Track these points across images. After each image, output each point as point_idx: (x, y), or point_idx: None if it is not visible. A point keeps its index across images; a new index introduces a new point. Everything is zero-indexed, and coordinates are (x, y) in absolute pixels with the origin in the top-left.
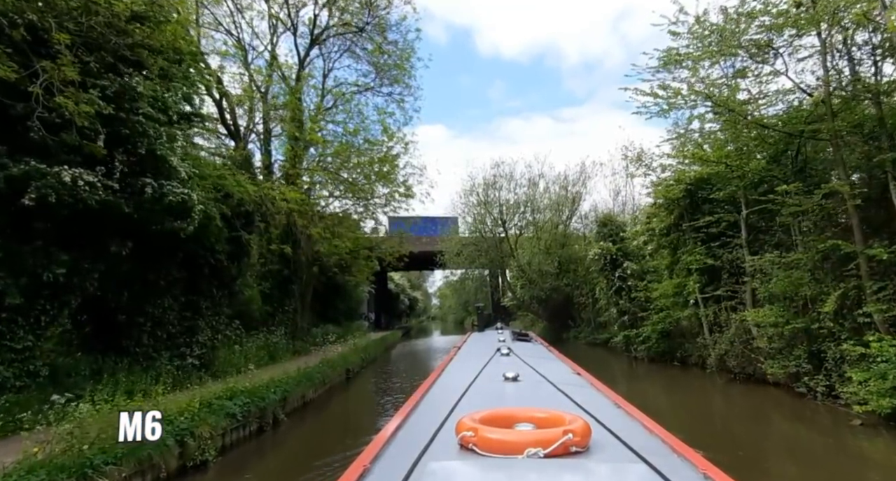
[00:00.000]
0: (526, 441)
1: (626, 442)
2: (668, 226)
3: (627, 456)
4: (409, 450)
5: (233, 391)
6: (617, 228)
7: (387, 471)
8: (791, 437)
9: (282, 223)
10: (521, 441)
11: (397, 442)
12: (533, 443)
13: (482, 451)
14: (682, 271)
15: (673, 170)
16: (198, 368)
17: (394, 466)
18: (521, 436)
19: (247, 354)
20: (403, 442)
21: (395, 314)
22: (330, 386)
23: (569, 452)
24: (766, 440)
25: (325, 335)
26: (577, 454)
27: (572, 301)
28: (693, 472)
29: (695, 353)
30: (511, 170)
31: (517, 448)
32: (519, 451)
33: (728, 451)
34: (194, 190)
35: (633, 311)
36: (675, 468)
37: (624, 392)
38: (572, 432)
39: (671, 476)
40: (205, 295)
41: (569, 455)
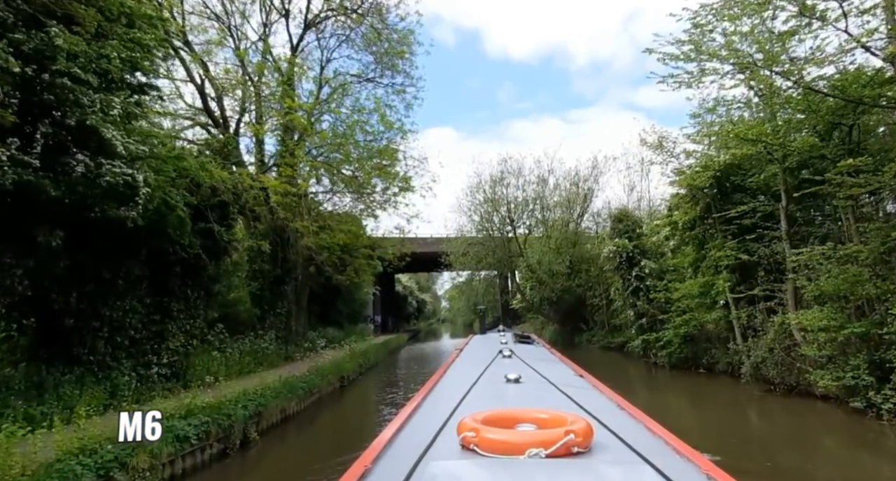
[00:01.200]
0: (527, 441)
1: (628, 442)
2: (692, 219)
3: (630, 457)
4: (410, 451)
5: (191, 408)
6: (633, 224)
7: (388, 472)
8: (855, 466)
9: (267, 217)
10: (523, 441)
11: (399, 442)
12: (534, 444)
13: (483, 452)
14: (710, 269)
15: (698, 156)
16: (167, 378)
17: (395, 466)
18: (522, 437)
19: (229, 361)
20: (405, 443)
21: (402, 317)
22: (319, 396)
23: (570, 453)
24: (822, 469)
25: (323, 339)
26: (578, 454)
27: (584, 302)
28: (696, 474)
29: (723, 360)
30: (519, 166)
31: (519, 448)
32: (520, 452)
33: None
34: (144, 171)
35: (651, 313)
36: (678, 469)
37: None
38: (574, 432)
39: (674, 477)
40: (177, 296)
41: (570, 455)
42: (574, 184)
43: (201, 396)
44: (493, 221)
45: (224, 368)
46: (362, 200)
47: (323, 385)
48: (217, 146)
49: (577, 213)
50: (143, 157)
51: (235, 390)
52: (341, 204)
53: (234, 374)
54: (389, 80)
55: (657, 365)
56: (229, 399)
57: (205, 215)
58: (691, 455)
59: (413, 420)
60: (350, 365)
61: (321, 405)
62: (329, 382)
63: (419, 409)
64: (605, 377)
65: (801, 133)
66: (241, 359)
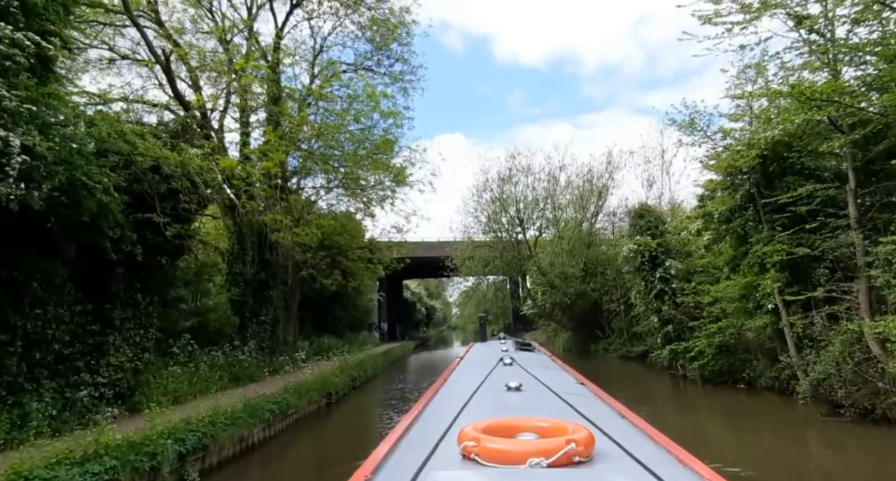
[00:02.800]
0: (528, 451)
1: (630, 452)
2: (731, 209)
3: (631, 467)
4: (411, 461)
5: (99, 448)
6: (656, 220)
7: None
8: None
9: (239, 210)
10: (524, 451)
11: (399, 452)
12: (535, 453)
13: (484, 461)
14: (753, 267)
15: (738, 134)
16: (109, 401)
17: (395, 477)
18: (523, 446)
19: (196, 377)
20: (405, 453)
21: (411, 324)
22: (297, 418)
23: (572, 462)
24: None
25: (319, 348)
26: (580, 464)
27: (601, 308)
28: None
29: (767, 374)
30: (528, 162)
31: (519, 458)
32: (521, 461)
33: None
34: (29, 136)
35: (678, 320)
36: (681, 479)
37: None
38: (575, 442)
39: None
40: (122, 302)
41: (572, 465)
42: (587, 180)
43: (123, 426)
44: (502, 222)
45: (189, 386)
46: (356, 195)
47: (302, 404)
48: (175, 128)
49: (590, 212)
50: (33, 119)
51: (200, 411)
52: (338, 204)
53: (199, 393)
54: (387, 69)
55: (686, 379)
56: (160, 431)
57: (150, 205)
58: (693, 464)
59: (413, 429)
60: (340, 379)
61: (299, 430)
62: (311, 401)
63: (420, 418)
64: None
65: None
66: (211, 374)
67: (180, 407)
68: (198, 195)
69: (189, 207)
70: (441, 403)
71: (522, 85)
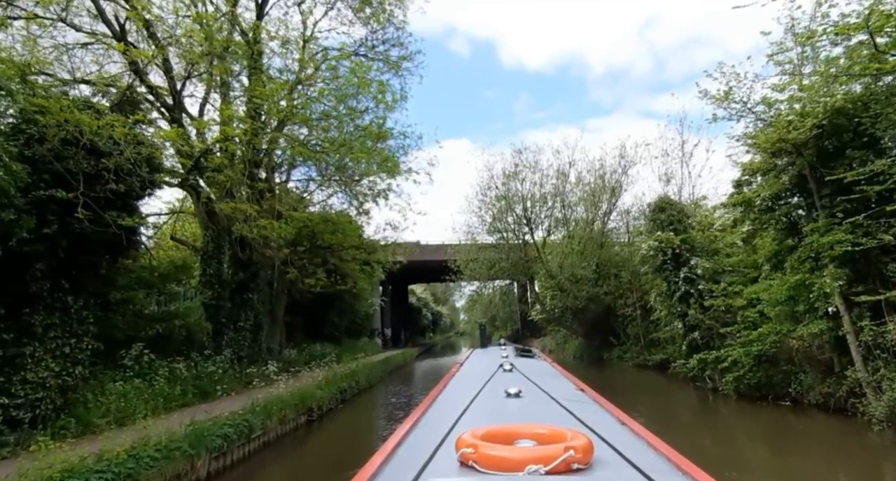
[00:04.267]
0: (527, 457)
1: (629, 459)
2: (776, 194)
3: (631, 474)
4: (408, 468)
5: None
6: (679, 214)
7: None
8: None
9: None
10: (522, 457)
11: (396, 459)
12: (534, 460)
13: (482, 468)
14: (804, 263)
15: (786, 106)
16: (26, 425)
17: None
18: (521, 453)
19: (151, 393)
20: (402, 459)
21: (417, 330)
22: (266, 441)
23: (570, 469)
24: None
25: (310, 356)
26: (578, 471)
27: (615, 312)
28: None
29: (818, 389)
30: (536, 158)
31: (518, 465)
32: (519, 468)
33: None
34: None
35: (707, 325)
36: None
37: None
38: (574, 449)
39: None
40: (47, 306)
41: (570, 472)
42: (599, 177)
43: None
44: (507, 222)
45: (141, 403)
46: (348, 184)
47: (271, 425)
48: (115, 100)
49: (603, 210)
50: None
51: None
52: (329, 200)
53: (154, 411)
54: (382, 55)
55: (717, 393)
56: (48, 476)
57: (70, 185)
58: (694, 473)
59: (411, 435)
60: (325, 393)
61: (266, 456)
62: (285, 419)
63: (418, 425)
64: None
65: None
66: (171, 389)
67: (124, 429)
68: (140, 177)
69: (130, 192)
70: (439, 409)
71: (528, 89)
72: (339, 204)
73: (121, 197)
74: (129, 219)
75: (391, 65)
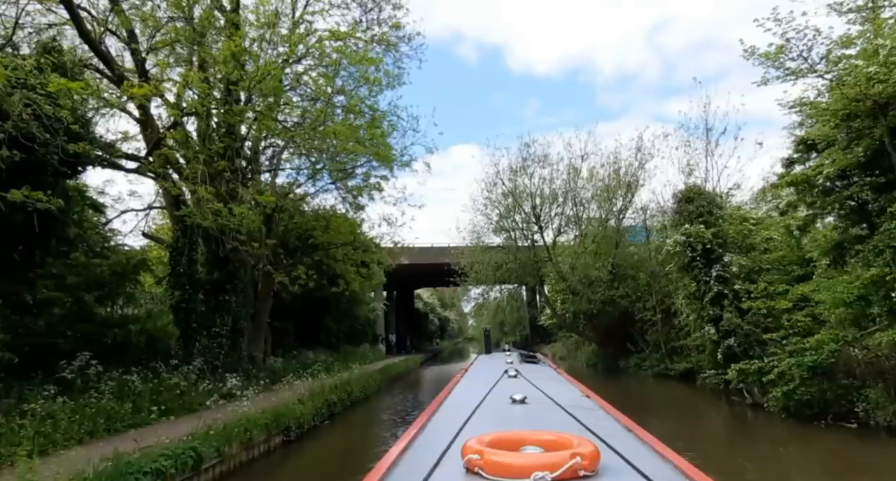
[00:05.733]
0: (533, 464)
1: (636, 466)
2: (843, 171)
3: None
4: (413, 474)
5: None
6: (709, 205)
7: None
8: None
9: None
10: (528, 464)
11: (402, 465)
12: (540, 467)
13: (488, 475)
14: (881, 255)
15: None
16: None
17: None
18: (528, 460)
19: (84, 413)
20: (408, 466)
21: (424, 336)
22: (224, 470)
23: (577, 476)
24: None
25: (302, 365)
26: (585, 478)
27: (632, 317)
28: None
29: (891, 409)
30: (545, 151)
31: (524, 472)
32: (526, 475)
33: None
34: None
35: (745, 331)
36: None
37: None
38: (580, 456)
39: None
40: None
41: (577, 479)
42: (614, 171)
43: None
44: (515, 220)
45: (75, 426)
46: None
47: (231, 452)
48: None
49: (618, 207)
50: None
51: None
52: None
53: (94, 434)
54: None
55: (757, 409)
56: None
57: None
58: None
59: (417, 442)
60: (307, 408)
61: None
62: (251, 444)
63: (423, 431)
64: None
65: None
66: (121, 406)
67: (47, 459)
68: (57, 146)
69: (44, 165)
70: (445, 416)
71: (537, 95)
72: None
73: (31, 172)
74: (47, 201)
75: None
